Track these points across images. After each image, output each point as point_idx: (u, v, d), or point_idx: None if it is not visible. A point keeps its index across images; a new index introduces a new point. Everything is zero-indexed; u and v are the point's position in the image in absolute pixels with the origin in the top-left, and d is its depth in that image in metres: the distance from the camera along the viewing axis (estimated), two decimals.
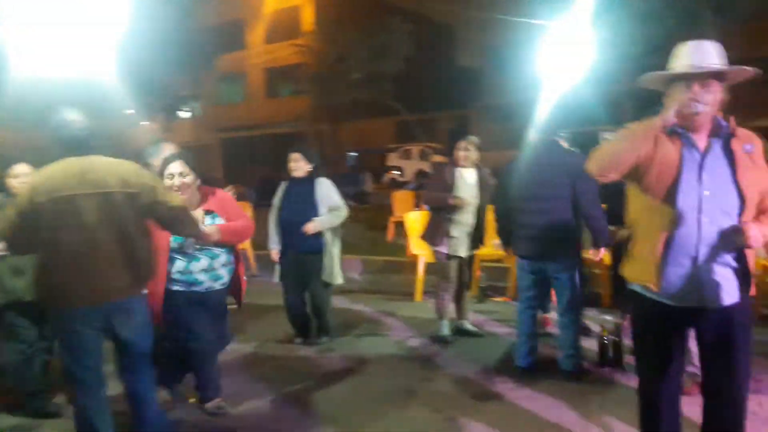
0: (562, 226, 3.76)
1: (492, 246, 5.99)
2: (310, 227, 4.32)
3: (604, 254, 3.98)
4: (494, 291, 6.08)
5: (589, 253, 3.95)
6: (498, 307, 5.63)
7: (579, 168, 3.75)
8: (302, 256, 4.43)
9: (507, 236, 4.15)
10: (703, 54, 2.18)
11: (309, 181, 4.47)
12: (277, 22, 30.03)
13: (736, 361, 2.24)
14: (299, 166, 4.47)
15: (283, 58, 28.26)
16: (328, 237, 4.47)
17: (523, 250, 3.95)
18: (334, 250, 4.50)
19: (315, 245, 4.41)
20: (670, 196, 2.18)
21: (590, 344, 4.18)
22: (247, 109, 31.88)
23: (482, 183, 4.62)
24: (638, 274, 2.32)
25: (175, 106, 31.27)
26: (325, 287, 4.53)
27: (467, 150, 4.56)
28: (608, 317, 4.53)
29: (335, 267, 4.50)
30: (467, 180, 4.59)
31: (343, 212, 4.52)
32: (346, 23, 23.05)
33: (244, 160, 30.07)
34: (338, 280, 4.54)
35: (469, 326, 4.79)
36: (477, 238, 4.67)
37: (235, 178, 20.07)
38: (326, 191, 4.49)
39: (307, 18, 28.38)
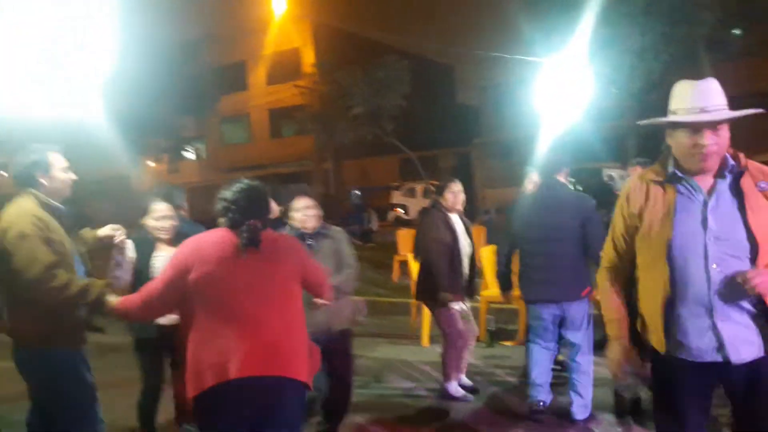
0: (571, 268, 3.68)
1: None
2: None
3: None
4: (504, 335, 5.94)
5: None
6: (508, 352, 5.48)
7: (587, 209, 3.74)
8: None
9: (507, 281, 4.09)
10: (706, 95, 2.03)
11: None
12: (278, 63, 30.57)
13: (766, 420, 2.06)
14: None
15: (286, 98, 28.64)
16: None
17: (533, 295, 3.85)
18: None
19: None
20: (666, 246, 2.03)
21: (604, 393, 4.03)
22: (251, 149, 32.20)
23: (467, 227, 4.44)
24: (647, 332, 2.18)
25: (180, 147, 31.64)
26: None
27: (462, 193, 4.35)
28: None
29: None
30: (459, 227, 4.34)
31: None
32: (345, 63, 23.43)
33: None
34: None
35: (464, 380, 4.49)
36: (472, 286, 4.50)
37: None
38: None
39: (307, 59, 28.87)
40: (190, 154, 35.07)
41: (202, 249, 2.31)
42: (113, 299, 2.54)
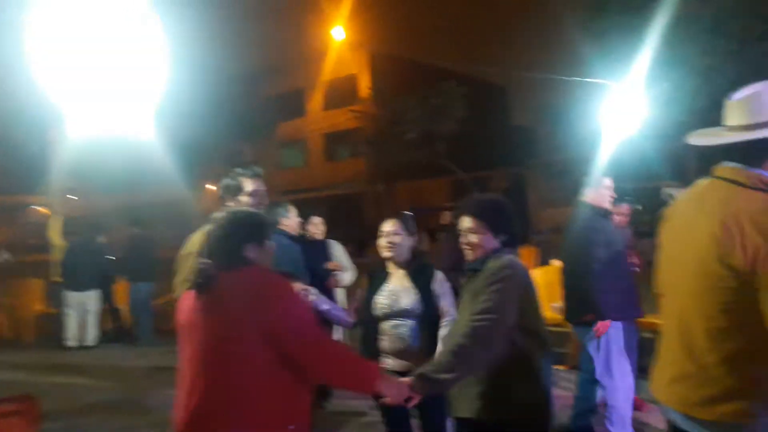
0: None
1: (550, 309, 5.73)
2: None
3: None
4: (553, 358, 5.72)
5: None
6: (557, 376, 5.28)
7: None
8: None
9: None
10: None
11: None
12: (334, 90, 31.27)
13: None
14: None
15: (341, 123, 29.21)
16: None
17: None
18: None
19: None
20: None
21: None
22: (306, 172, 32.90)
23: None
24: None
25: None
26: None
27: None
28: None
29: None
30: None
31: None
32: (401, 88, 23.71)
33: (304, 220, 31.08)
34: None
35: None
36: None
37: None
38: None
39: (364, 85, 29.40)
40: None
41: (185, 297, 2.08)
42: None
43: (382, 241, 2.96)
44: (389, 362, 2.79)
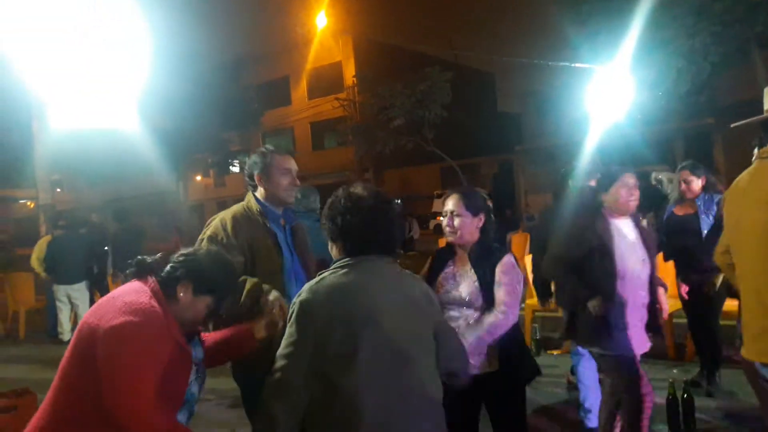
0: None
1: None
2: None
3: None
4: (550, 343, 5.82)
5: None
6: (554, 361, 5.36)
7: None
8: None
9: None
10: None
11: None
12: (319, 77, 31.07)
13: None
14: None
15: (327, 111, 29.05)
16: None
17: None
18: None
19: None
20: None
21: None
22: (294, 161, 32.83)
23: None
24: None
25: (226, 161, 32.49)
26: None
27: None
28: (675, 371, 4.23)
29: None
30: (627, 237, 3.03)
31: None
32: (386, 75, 23.60)
33: None
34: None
35: None
36: None
37: None
38: None
39: (348, 73, 29.23)
40: (235, 168, 36.01)
41: None
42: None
43: (443, 222, 2.71)
44: None
